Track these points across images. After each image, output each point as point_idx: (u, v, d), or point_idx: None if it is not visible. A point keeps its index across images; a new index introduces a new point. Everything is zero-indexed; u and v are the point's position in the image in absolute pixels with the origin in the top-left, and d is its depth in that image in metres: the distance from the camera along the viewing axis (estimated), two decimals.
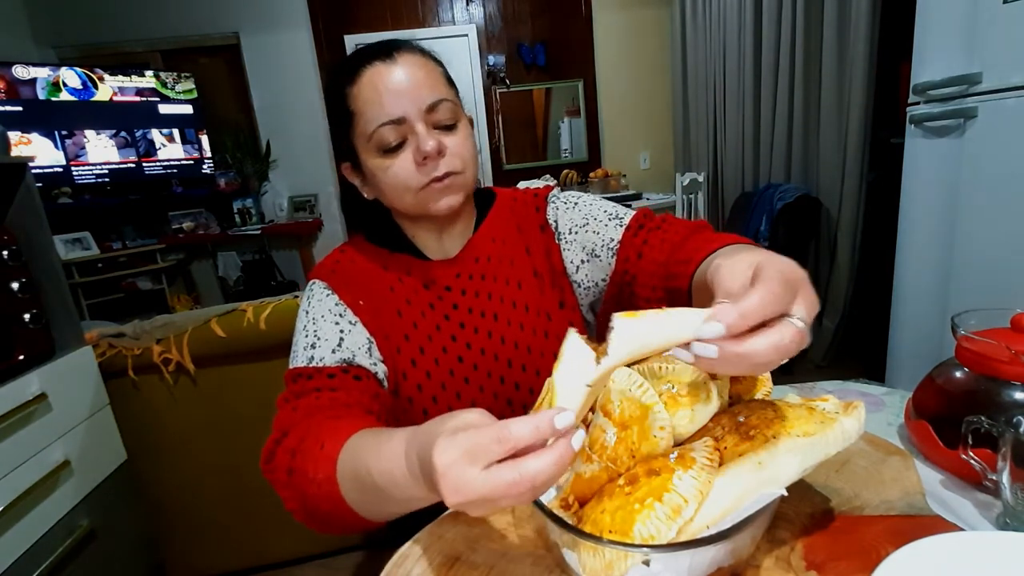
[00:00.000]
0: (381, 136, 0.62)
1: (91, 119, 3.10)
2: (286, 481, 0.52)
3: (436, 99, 0.63)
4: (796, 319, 0.36)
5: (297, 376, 0.62)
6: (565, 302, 0.75)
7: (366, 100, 0.63)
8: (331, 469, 0.47)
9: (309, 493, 0.50)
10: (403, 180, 0.64)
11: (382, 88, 0.62)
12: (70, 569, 1.17)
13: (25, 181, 1.20)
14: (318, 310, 0.67)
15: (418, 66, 0.64)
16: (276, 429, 0.57)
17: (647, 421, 0.43)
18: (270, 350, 1.35)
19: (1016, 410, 0.49)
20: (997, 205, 1.29)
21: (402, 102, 0.62)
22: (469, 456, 0.33)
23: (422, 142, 0.62)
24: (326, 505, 0.49)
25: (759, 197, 2.51)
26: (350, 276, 0.71)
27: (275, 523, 1.49)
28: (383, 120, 0.62)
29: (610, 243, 0.70)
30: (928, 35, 1.40)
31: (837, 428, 0.41)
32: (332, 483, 0.47)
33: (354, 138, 0.66)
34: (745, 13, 2.64)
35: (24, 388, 1.11)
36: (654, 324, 0.37)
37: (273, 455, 0.55)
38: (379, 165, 0.65)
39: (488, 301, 0.73)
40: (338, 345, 0.63)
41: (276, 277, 3.69)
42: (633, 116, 3.94)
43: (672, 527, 0.37)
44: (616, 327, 0.37)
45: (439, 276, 0.72)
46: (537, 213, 0.77)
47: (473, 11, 3.69)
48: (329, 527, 0.53)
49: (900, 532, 0.43)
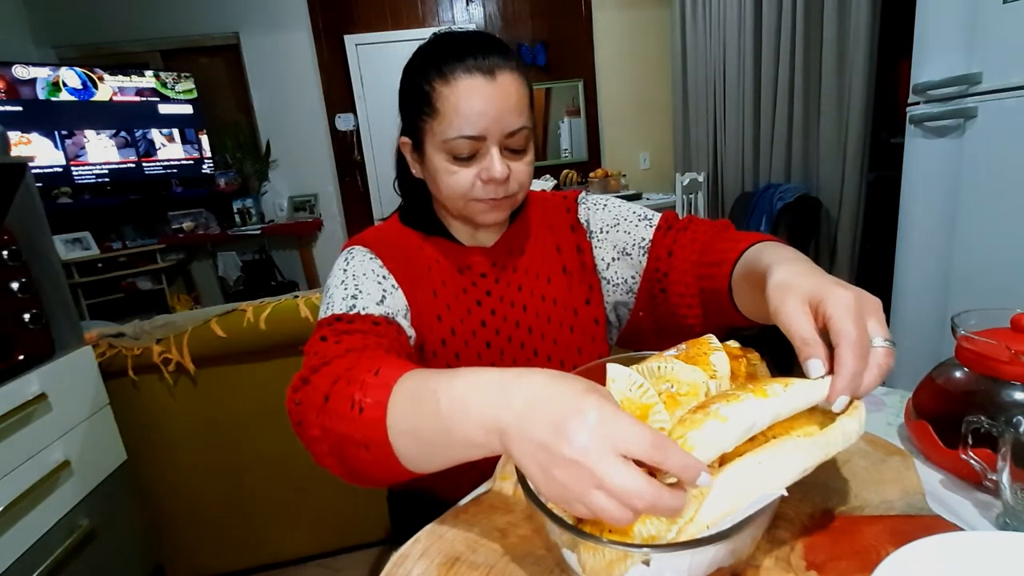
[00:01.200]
0: (456, 146, 0.63)
1: (91, 119, 3.11)
2: (320, 405, 0.48)
3: (518, 126, 0.64)
4: (879, 342, 0.41)
5: (336, 320, 0.59)
6: (591, 299, 0.77)
7: (454, 107, 0.61)
8: (383, 394, 0.44)
9: (347, 419, 0.46)
10: (462, 190, 0.65)
11: (474, 104, 0.61)
12: (70, 569, 1.17)
13: (25, 181, 1.20)
14: (360, 268, 0.66)
15: (512, 91, 0.63)
16: (312, 359, 0.54)
17: (647, 422, 0.43)
18: (270, 350, 1.35)
19: (1016, 410, 0.49)
20: (997, 205, 1.30)
21: (487, 123, 0.62)
22: (618, 432, 0.34)
23: (493, 166, 0.63)
24: (361, 435, 0.45)
25: (759, 197, 2.51)
26: (392, 248, 0.71)
27: (275, 523, 1.49)
28: (464, 133, 0.62)
29: (641, 242, 0.74)
30: (928, 35, 1.40)
31: (837, 428, 0.41)
32: (379, 408, 0.44)
33: (426, 129, 0.65)
34: (745, 13, 2.64)
35: (24, 388, 1.11)
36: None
37: (307, 383, 0.51)
38: (445, 168, 0.65)
39: (519, 292, 0.75)
40: (380, 300, 0.63)
41: (276, 277, 3.69)
42: (633, 116, 3.94)
43: (672, 527, 0.37)
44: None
45: (475, 263, 0.74)
46: (568, 214, 0.80)
47: (473, 11, 3.69)
48: (352, 469, 0.48)
49: (900, 532, 0.43)
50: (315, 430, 0.48)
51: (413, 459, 0.45)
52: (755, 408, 0.38)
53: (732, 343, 0.57)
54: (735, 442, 0.38)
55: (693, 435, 0.37)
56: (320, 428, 0.48)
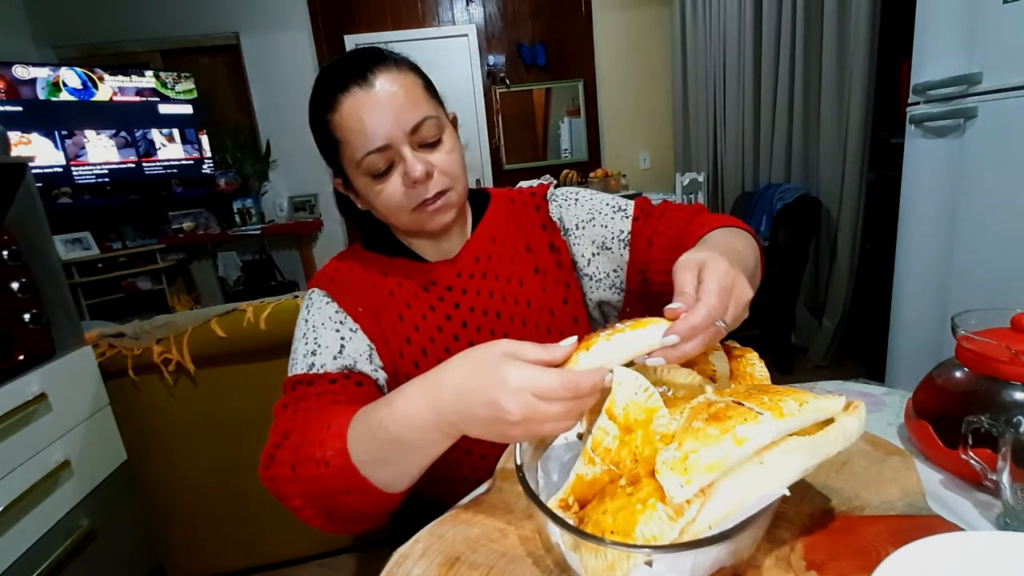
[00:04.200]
0: (369, 163, 0.62)
1: (91, 119, 3.10)
2: (290, 477, 0.52)
3: (419, 119, 0.62)
4: (720, 322, 0.46)
5: (296, 383, 0.62)
6: (569, 298, 0.75)
7: (349, 129, 0.61)
8: (340, 443, 0.49)
9: (317, 478, 0.49)
10: (396, 203, 0.64)
11: (363, 116, 0.60)
12: (70, 569, 1.17)
13: (25, 181, 1.20)
14: (318, 318, 0.67)
15: (397, 85, 0.61)
16: (275, 434, 0.57)
17: (651, 425, 0.43)
18: (270, 350, 1.35)
19: (1016, 410, 0.49)
20: (997, 205, 1.29)
21: (386, 127, 0.60)
22: (536, 392, 0.42)
23: (410, 168, 0.61)
24: (337, 483, 0.49)
25: (759, 197, 2.51)
26: (349, 283, 0.71)
27: (275, 523, 1.49)
28: (368, 149, 0.61)
29: (620, 235, 0.73)
30: (928, 35, 1.40)
31: (838, 428, 0.41)
32: (343, 456, 0.48)
33: (343, 162, 0.65)
34: (745, 13, 2.64)
35: (24, 388, 1.11)
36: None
37: (273, 459, 0.54)
38: (370, 189, 0.65)
39: (490, 299, 0.73)
40: (339, 352, 0.64)
41: (276, 277, 3.69)
42: (633, 116, 3.94)
43: (675, 527, 0.37)
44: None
45: (439, 277, 0.72)
46: (538, 212, 0.78)
47: (473, 11, 3.69)
48: (342, 518, 0.52)
49: (900, 532, 0.43)
50: (295, 500, 0.52)
51: (391, 482, 0.49)
52: (771, 431, 0.38)
53: (732, 343, 0.57)
54: (742, 460, 0.38)
55: (707, 453, 0.37)
56: (299, 497, 0.52)
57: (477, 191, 0.81)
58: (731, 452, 0.37)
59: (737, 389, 0.46)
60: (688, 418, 0.41)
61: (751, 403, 0.40)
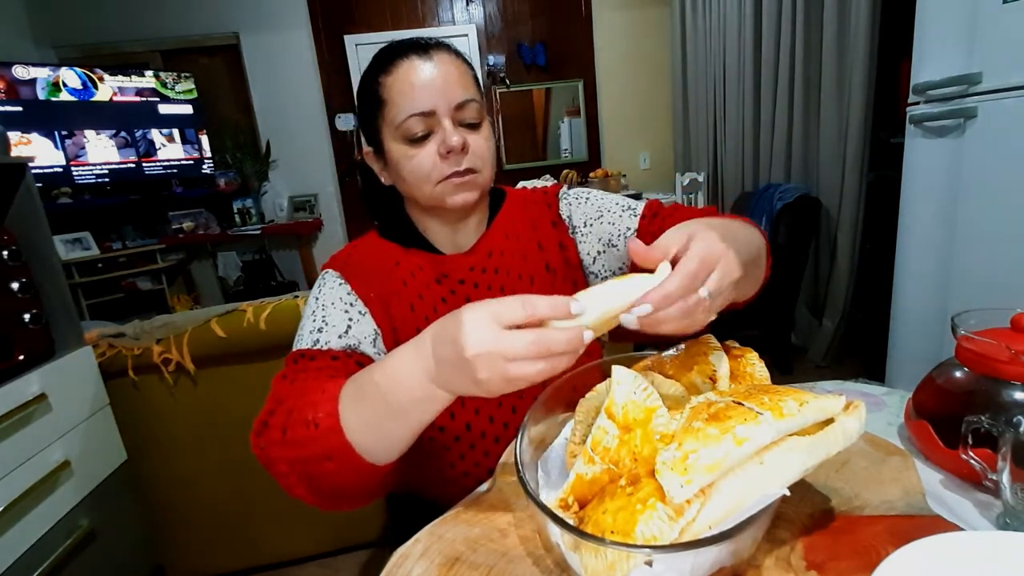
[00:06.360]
0: (409, 126, 0.65)
1: (91, 119, 3.10)
2: (279, 440, 0.51)
3: (466, 98, 0.65)
4: (703, 291, 0.43)
5: (299, 357, 0.62)
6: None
7: (399, 91, 0.65)
8: (332, 405, 0.48)
9: (305, 440, 0.49)
10: (425, 170, 0.66)
11: (415, 81, 0.64)
12: (70, 569, 1.16)
13: (25, 181, 1.20)
14: (328, 297, 0.68)
15: (452, 65, 0.66)
16: (270, 402, 0.57)
17: (650, 425, 0.43)
18: (270, 350, 1.34)
19: (1016, 410, 0.49)
20: (997, 205, 1.29)
21: (433, 96, 0.64)
22: (494, 315, 0.40)
23: (448, 136, 0.64)
24: (321, 447, 0.48)
25: (759, 197, 2.51)
26: (363, 268, 0.72)
27: (275, 523, 1.49)
28: (413, 111, 0.64)
29: (627, 232, 0.74)
30: (928, 35, 1.40)
31: (838, 428, 0.41)
32: (333, 417, 0.48)
33: (382, 125, 0.68)
34: (745, 13, 2.64)
35: (24, 388, 1.11)
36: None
37: (267, 425, 0.53)
38: (404, 153, 0.66)
39: (501, 294, 0.73)
40: (345, 332, 0.64)
41: (276, 277, 3.69)
42: (633, 116, 3.94)
43: (675, 527, 0.37)
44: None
45: (452, 269, 0.73)
46: (549, 210, 0.79)
47: (473, 11, 3.69)
48: (325, 491, 0.51)
49: (900, 532, 0.43)
50: (281, 465, 0.51)
51: (374, 449, 0.48)
52: (771, 431, 0.38)
53: (732, 343, 0.57)
54: (742, 460, 0.38)
55: (707, 453, 0.37)
56: (285, 462, 0.51)
57: (493, 189, 0.82)
58: (731, 452, 0.37)
59: (737, 389, 0.46)
60: (688, 418, 0.41)
61: (751, 403, 0.40)
